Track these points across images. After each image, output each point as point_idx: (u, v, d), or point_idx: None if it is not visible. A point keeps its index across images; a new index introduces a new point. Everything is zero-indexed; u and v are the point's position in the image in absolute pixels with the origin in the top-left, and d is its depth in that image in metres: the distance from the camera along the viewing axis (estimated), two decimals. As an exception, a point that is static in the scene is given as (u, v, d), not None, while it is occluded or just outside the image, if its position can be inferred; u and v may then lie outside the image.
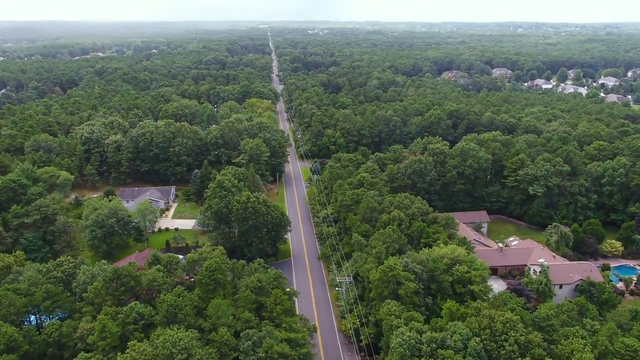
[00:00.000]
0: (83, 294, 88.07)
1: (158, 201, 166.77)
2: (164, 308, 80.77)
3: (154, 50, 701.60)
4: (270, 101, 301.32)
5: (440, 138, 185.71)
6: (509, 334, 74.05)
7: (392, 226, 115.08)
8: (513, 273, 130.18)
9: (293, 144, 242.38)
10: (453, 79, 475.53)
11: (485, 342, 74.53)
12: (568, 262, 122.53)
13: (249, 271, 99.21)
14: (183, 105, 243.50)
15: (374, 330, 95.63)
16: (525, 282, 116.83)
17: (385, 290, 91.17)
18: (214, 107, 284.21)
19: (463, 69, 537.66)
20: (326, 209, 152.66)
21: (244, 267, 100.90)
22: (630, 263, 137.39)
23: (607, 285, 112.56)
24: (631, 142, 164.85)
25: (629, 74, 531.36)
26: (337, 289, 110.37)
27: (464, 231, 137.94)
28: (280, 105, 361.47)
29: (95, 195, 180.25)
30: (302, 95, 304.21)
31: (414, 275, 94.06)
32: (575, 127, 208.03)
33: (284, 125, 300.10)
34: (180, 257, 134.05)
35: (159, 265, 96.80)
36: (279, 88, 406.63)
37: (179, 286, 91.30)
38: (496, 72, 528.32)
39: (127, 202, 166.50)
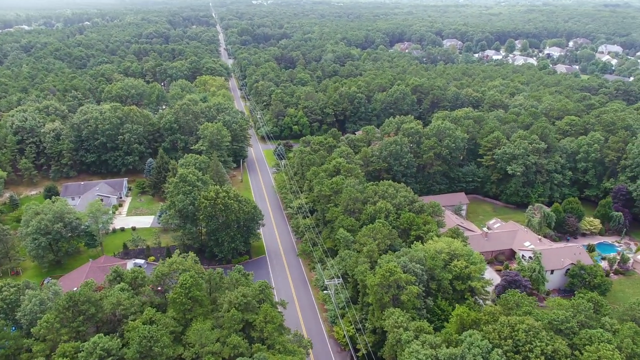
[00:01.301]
0: (31, 329, 72.86)
1: (109, 196, 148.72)
2: (136, 341, 67.66)
3: (87, 23, 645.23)
4: (223, 78, 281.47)
5: (412, 117, 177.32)
6: (533, 343, 67.37)
7: (380, 219, 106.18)
8: (499, 258, 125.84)
9: (253, 125, 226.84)
10: (406, 50, 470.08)
11: (508, 354, 67.57)
12: (557, 246, 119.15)
13: (228, 282, 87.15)
14: (128, 85, 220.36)
15: (373, 338, 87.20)
16: (517, 269, 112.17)
17: (386, 296, 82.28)
18: (162, 86, 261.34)
19: (414, 41, 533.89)
20: (299, 197, 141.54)
21: (222, 278, 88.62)
22: (609, 240, 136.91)
23: (599, 269, 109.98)
24: (602, 117, 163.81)
25: (570, 43, 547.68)
26: (324, 291, 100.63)
27: (446, 216, 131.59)
28: (233, 82, 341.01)
29: (34, 193, 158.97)
30: (257, 71, 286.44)
31: (414, 277, 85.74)
32: (540, 101, 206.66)
33: (239, 104, 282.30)
34: (142, 262, 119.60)
35: (122, 284, 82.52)
36: (229, 63, 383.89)
37: (148, 308, 77.95)
38: (447, 43, 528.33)
39: (73, 199, 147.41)
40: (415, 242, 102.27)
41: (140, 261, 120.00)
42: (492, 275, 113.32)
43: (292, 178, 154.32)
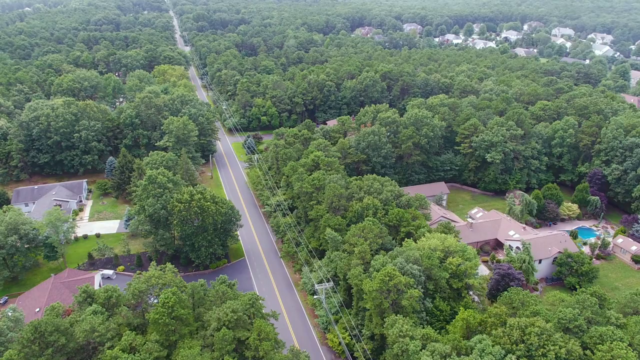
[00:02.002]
0: (-9, 367, 63.41)
1: (68, 201, 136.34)
2: (118, 375, 59.78)
3: (28, 9, 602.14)
4: (182, 67, 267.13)
5: (387, 105, 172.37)
6: (546, 347, 64.31)
7: (368, 217, 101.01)
8: (485, 249, 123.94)
9: (219, 117, 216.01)
10: (368, 35, 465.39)
11: (520, 359, 64.31)
12: (543, 234, 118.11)
13: (213, 295, 79.81)
14: (80, 77, 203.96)
15: (371, 345, 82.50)
16: (507, 260, 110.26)
17: (385, 302, 77.42)
18: (118, 77, 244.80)
19: (375, 25, 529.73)
20: (276, 194, 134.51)
21: (206, 290, 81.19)
22: (587, 224, 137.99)
23: (585, 256, 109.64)
24: (575, 102, 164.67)
25: (525, 27, 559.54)
26: (314, 296, 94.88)
27: (430, 208, 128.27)
28: (192, 71, 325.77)
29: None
30: (219, 59, 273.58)
31: (413, 280, 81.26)
32: (509, 86, 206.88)
33: (201, 94, 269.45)
34: (110, 272, 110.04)
35: (94, 305, 73.60)
36: (186, 50, 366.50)
37: (127, 332, 69.74)
38: (407, 27, 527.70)
39: (27, 205, 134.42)
40: (406, 239, 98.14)
41: (109, 272, 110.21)
42: (479, 268, 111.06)
43: (266, 173, 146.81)
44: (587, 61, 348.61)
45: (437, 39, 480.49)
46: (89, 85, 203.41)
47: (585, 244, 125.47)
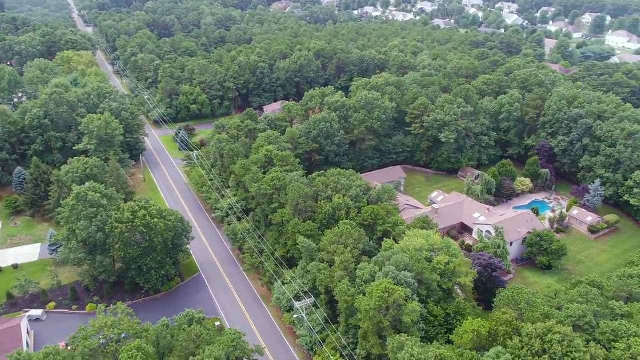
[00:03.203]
0: None
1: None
2: None
3: None
4: (90, 52, 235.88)
5: (333, 88, 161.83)
6: (570, 355, 59.79)
7: (343, 219, 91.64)
8: (452, 234, 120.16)
9: (142, 109, 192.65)
10: (287, 10, 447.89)
11: (547, 373, 59.33)
12: (510, 215, 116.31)
13: (184, 339, 66.55)
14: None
15: (368, 366, 74.44)
16: (480, 247, 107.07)
17: (385, 319, 69.19)
18: (11, 67, 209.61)
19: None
20: (227, 196, 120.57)
21: (173, 336, 67.75)
22: (539, 198, 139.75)
23: (553, 235, 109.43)
24: (516, 74, 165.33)
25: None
26: (294, 316, 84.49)
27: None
28: (100, 56, 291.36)
29: None
30: (132, 42, 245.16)
31: (409, 290, 73.73)
32: (445, 60, 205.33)
33: (115, 83, 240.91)
34: (39, 313, 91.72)
35: (33, 377, 57.65)
36: (89, 32, 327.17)
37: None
38: (325, 0, 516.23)
39: None
40: (385, 239, 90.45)
41: (37, 312, 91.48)
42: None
43: (210, 172, 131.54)
44: (503, 30, 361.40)
45: (356, 12, 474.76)
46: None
47: (543, 218, 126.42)
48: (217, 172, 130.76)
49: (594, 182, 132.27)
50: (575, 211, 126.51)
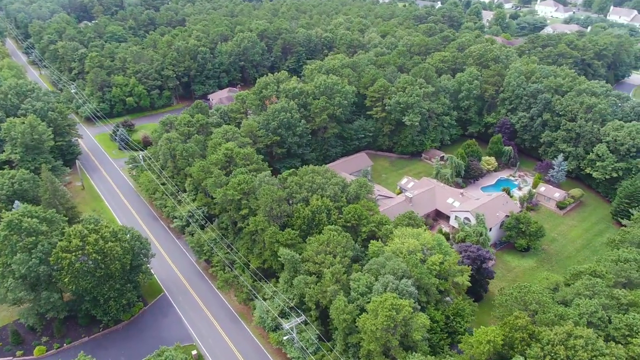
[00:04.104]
0: None
1: None
2: None
3: None
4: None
5: (287, 73, 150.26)
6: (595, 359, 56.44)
7: (325, 223, 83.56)
8: (428, 222, 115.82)
9: (71, 106, 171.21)
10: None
11: (576, 383, 55.66)
12: (485, 199, 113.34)
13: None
14: None
15: (373, 387, 68.08)
16: (462, 237, 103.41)
17: (394, 339, 62.74)
18: None
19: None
20: (183, 203, 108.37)
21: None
22: (504, 175, 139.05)
23: (530, 216, 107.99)
24: (471, 50, 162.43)
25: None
26: (285, 337, 76.09)
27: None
28: (10, 45, 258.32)
29: None
30: (49, 28, 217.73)
31: (413, 301, 67.67)
32: (395, 37, 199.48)
33: (32, 75, 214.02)
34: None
35: None
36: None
37: None
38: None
39: None
40: (372, 241, 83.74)
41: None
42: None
43: (160, 174, 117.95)
44: (439, 3, 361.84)
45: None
46: None
47: (514, 198, 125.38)
48: (169, 175, 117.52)
49: (556, 157, 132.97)
50: (542, 188, 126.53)
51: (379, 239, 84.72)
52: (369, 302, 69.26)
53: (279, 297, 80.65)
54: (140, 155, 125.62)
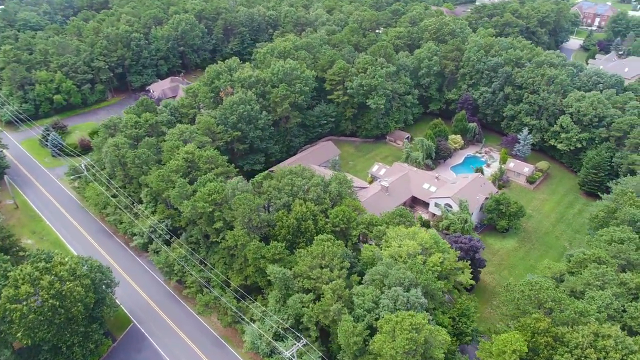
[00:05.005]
0: None
1: None
2: None
3: None
4: None
5: (237, 59, 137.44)
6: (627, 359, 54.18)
7: (313, 231, 75.94)
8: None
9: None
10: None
11: (611, 388, 53.16)
12: (463, 182, 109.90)
13: None
14: None
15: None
16: (445, 225, 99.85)
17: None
18: None
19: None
20: (142, 216, 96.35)
21: None
22: (470, 153, 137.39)
23: (509, 197, 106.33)
24: (426, 24, 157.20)
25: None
26: (285, 364, 68.86)
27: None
28: None
29: None
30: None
31: (428, 314, 62.47)
32: (342, 12, 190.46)
33: None
34: None
35: None
36: None
37: None
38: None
39: None
40: (364, 244, 77.57)
41: None
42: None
43: (110, 184, 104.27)
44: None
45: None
46: None
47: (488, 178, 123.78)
48: (120, 185, 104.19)
49: (520, 131, 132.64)
50: (511, 164, 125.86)
51: (375, 243, 78.70)
52: (377, 318, 63.56)
53: (270, 318, 72.88)
54: (82, 165, 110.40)
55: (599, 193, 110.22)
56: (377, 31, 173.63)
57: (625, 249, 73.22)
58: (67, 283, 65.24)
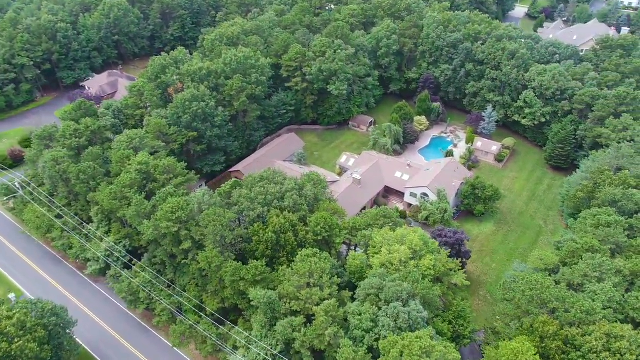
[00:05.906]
0: None
1: None
2: None
3: None
4: None
5: (184, 50, 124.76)
6: (642, 359, 52.36)
7: (305, 250, 68.68)
8: (379, 202, 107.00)
9: None
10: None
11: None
12: (437, 169, 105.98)
13: None
14: None
15: None
16: (425, 216, 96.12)
17: (425, 384, 53.04)
18: None
19: None
20: (92, 238, 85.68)
21: None
22: (436, 133, 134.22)
23: (485, 180, 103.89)
24: (381, 2, 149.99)
25: None
26: (279, 396, 62.82)
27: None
28: None
29: None
30: None
31: (431, 328, 58.10)
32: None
33: None
34: None
35: None
36: None
37: None
38: None
39: None
40: (350, 252, 71.98)
41: None
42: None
43: (52, 204, 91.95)
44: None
45: None
46: None
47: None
48: (64, 203, 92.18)
49: (484, 108, 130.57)
50: (479, 143, 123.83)
51: (363, 250, 73.24)
52: (377, 338, 58.65)
53: (256, 345, 66.26)
54: (16, 183, 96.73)
55: (565, 167, 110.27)
56: (327, 8, 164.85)
57: (613, 233, 71.97)
58: (16, 340, 55.31)
